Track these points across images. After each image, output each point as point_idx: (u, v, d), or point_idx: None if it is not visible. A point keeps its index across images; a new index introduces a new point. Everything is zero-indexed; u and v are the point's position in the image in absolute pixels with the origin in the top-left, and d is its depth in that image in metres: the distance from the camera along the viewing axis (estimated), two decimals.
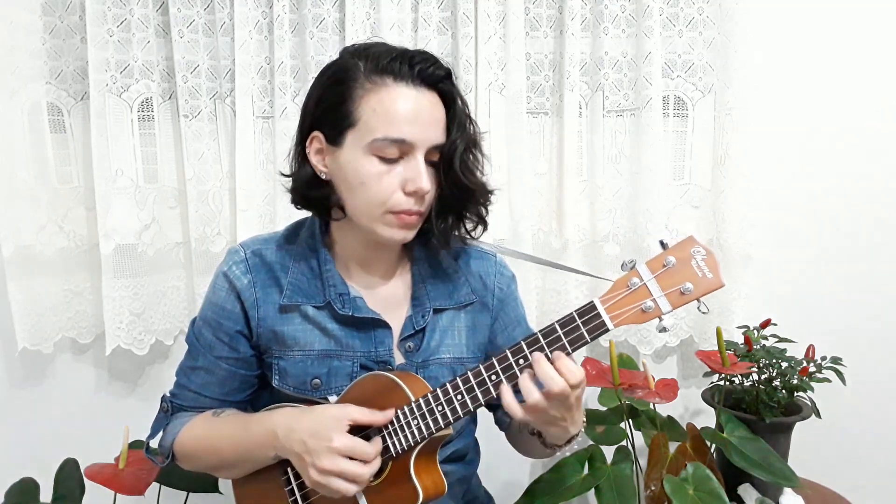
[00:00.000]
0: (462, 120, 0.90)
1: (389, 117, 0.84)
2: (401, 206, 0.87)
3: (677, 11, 1.49)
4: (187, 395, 1.00)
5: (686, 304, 0.76)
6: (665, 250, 0.77)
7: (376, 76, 0.85)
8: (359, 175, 0.87)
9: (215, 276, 0.98)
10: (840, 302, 1.59)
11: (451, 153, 0.88)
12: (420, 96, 0.86)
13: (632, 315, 0.77)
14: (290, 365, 0.95)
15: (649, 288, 0.77)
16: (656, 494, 1.19)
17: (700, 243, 0.76)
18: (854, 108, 1.53)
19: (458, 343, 1.00)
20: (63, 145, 1.45)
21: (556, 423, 0.84)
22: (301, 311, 0.95)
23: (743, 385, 1.37)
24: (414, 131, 0.85)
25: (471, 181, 0.90)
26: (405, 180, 0.86)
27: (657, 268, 0.77)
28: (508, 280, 1.07)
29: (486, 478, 1.19)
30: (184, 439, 0.97)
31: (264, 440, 0.90)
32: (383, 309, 0.97)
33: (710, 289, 0.75)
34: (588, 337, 0.78)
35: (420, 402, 0.86)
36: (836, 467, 1.52)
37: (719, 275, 0.75)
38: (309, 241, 0.97)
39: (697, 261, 0.76)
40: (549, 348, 0.79)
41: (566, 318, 0.79)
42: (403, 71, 0.85)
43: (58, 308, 1.47)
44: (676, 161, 1.55)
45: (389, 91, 0.85)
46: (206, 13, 1.43)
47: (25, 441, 1.54)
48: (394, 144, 0.85)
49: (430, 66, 0.86)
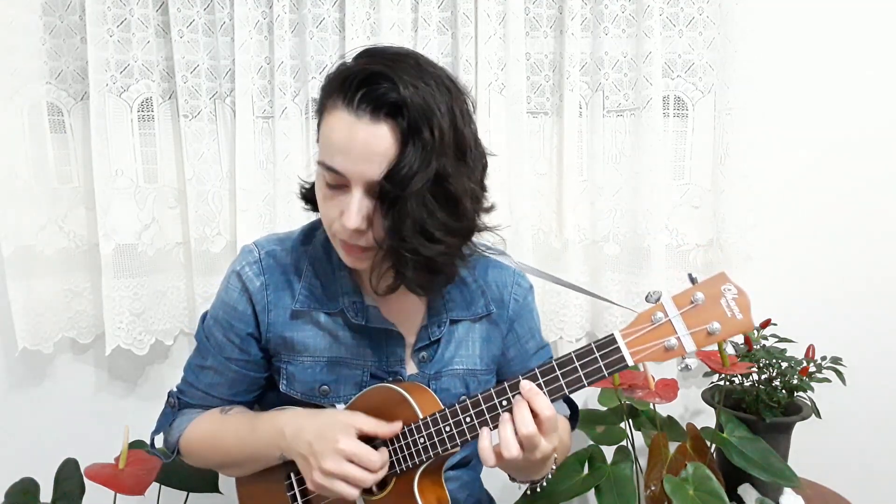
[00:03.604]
0: (424, 159, 0.74)
1: (326, 144, 0.79)
2: (340, 235, 0.83)
3: (677, 11, 1.49)
4: (195, 393, 0.99)
5: (712, 344, 0.72)
6: (694, 286, 0.73)
7: (335, 94, 0.78)
8: (317, 192, 0.85)
9: (228, 275, 0.96)
10: (840, 302, 1.59)
11: (388, 195, 0.76)
12: (357, 125, 0.75)
13: (654, 353, 0.73)
14: (299, 370, 0.94)
15: (674, 325, 0.72)
16: (656, 494, 1.19)
17: (732, 281, 0.71)
18: (854, 107, 1.53)
19: (472, 355, 0.98)
20: (63, 145, 1.45)
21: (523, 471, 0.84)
22: (312, 317, 0.93)
23: (743, 385, 1.37)
24: (345, 163, 0.77)
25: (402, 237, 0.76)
26: (342, 211, 0.79)
27: (684, 304, 0.72)
28: (525, 292, 1.04)
29: (486, 478, 1.19)
30: (190, 436, 0.97)
31: (271, 440, 0.89)
32: (397, 318, 0.94)
33: (738, 331, 0.70)
34: (605, 372, 0.74)
35: (428, 421, 0.83)
36: (836, 467, 1.52)
37: (750, 316, 0.70)
38: (325, 244, 0.93)
39: (728, 299, 0.71)
40: (563, 379, 0.76)
41: (584, 349, 0.76)
42: (350, 94, 0.76)
43: (58, 308, 1.47)
44: (676, 161, 1.55)
45: (333, 115, 0.78)
46: (206, 13, 1.43)
47: (25, 441, 1.54)
48: (329, 172, 0.79)
49: (379, 91, 0.74)
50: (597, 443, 1.28)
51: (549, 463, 0.84)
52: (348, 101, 0.76)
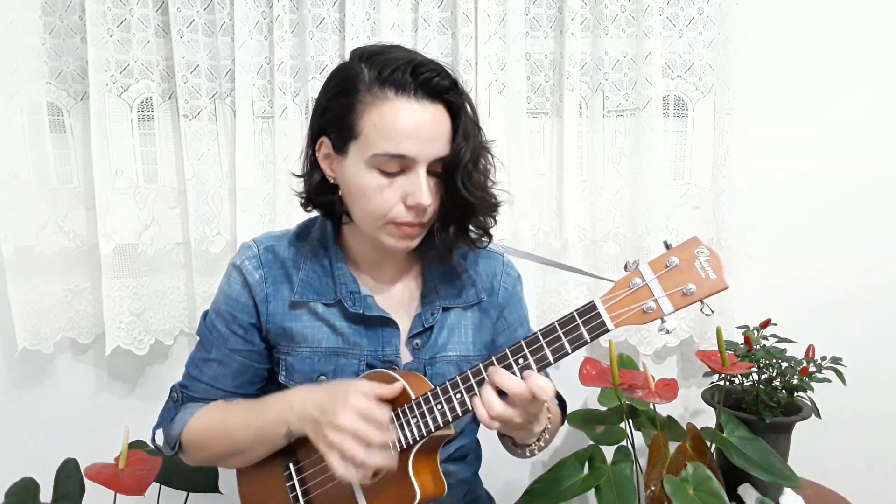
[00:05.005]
0: (469, 130, 0.88)
1: (389, 133, 0.83)
2: (401, 218, 0.87)
3: (677, 11, 1.49)
4: (199, 386, 1.00)
5: (689, 305, 0.75)
6: (668, 250, 0.77)
7: (378, 88, 0.84)
8: (361, 187, 0.87)
9: (228, 270, 0.99)
10: (840, 302, 1.59)
11: (454, 166, 0.87)
12: (422, 110, 0.84)
13: (633, 315, 0.76)
14: (298, 361, 0.96)
15: (651, 288, 0.76)
16: (656, 494, 1.19)
17: (704, 244, 0.75)
18: (854, 107, 1.53)
19: (465, 341, 1.01)
20: (63, 145, 1.45)
21: (521, 427, 0.85)
22: (310, 307, 0.96)
23: (743, 385, 1.37)
24: (414, 146, 0.84)
25: (473, 195, 0.88)
26: (406, 193, 0.86)
27: (660, 268, 0.76)
28: (514, 280, 1.08)
29: (486, 478, 1.19)
30: (193, 427, 0.98)
31: (279, 414, 0.90)
32: (393, 307, 0.98)
33: (713, 290, 0.74)
34: (588, 337, 0.78)
35: (420, 400, 0.86)
36: (836, 467, 1.52)
37: (723, 276, 0.74)
38: (321, 239, 0.99)
39: (701, 262, 0.74)
40: (548, 348, 0.79)
41: (566, 317, 0.79)
42: (405, 83, 0.83)
43: (58, 308, 1.47)
44: (676, 161, 1.55)
45: (390, 106, 0.83)
46: (206, 13, 1.43)
47: (25, 441, 1.54)
48: (394, 159, 0.84)
49: (434, 77, 0.84)
50: (597, 443, 1.28)
51: (536, 424, 0.88)
52: (405, 91, 0.83)
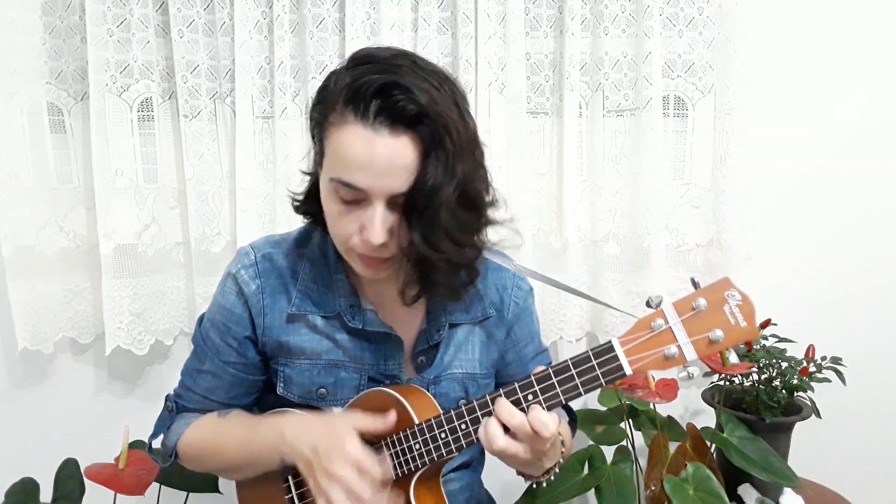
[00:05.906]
0: (447, 167, 0.73)
1: (341, 159, 0.75)
2: (359, 249, 0.80)
3: (677, 11, 1.48)
4: (193, 397, 0.98)
5: (714, 352, 0.68)
6: (696, 291, 0.69)
7: (342, 106, 0.74)
8: (327, 208, 0.81)
9: (224, 277, 0.95)
10: (840, 302, 1.59)
11: (411, 208, 0.75)
12: (377, 140, 0.72)
13: (653, 361, 0.70)
14: (296, 373, 0.93)
15: (675, 332, 0.69)
16: (656, 494, 1.19)
17: (735, 287, 0.68)
18: (854, 107, 1.53)
19: (472, 358, 0.97)
20: (63, 145, 1.45)
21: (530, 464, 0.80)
22: (309, 321, 0.92)
23: (743, 385, 1.37)
24: (365, 178, 0.74)
25: (433, 245, 0.75)
26: (362, 226, 0.77)
27: (685, 310, 0.69)
28: (525, 294, 1.02)
29: (486, 478, 1.19)
30: (188, 440, 0.95)
31: (271, 444, 0.87)
32: (395, 321, 0.93)
33: (742, 339, 0.67)
34: (603, 380, 0.72)
35: (424, 427, 0.82)
36: (836, 467, 1.52)
37: (754, 324, 0.67)
38: (321, 246, 0.93)
39: (731, 306, 0.67)
40: (560, 387, 0.74)
41: (581, 356, 0.73)
42: (365, 108, 0.72)
43: (58, 308, 1.47)
44: (676, 161, 1.55)
45: (348, 130, 0.74)
46: (205, 13, 1.43)
47: (25, 441, 1.54)
48: (348, 189, 0.76)
49: (399, 102, 0.71)
50: (597, 443, 1.28)
51: (546, 460, 0.83)
52: (362, 115, 0.73)
